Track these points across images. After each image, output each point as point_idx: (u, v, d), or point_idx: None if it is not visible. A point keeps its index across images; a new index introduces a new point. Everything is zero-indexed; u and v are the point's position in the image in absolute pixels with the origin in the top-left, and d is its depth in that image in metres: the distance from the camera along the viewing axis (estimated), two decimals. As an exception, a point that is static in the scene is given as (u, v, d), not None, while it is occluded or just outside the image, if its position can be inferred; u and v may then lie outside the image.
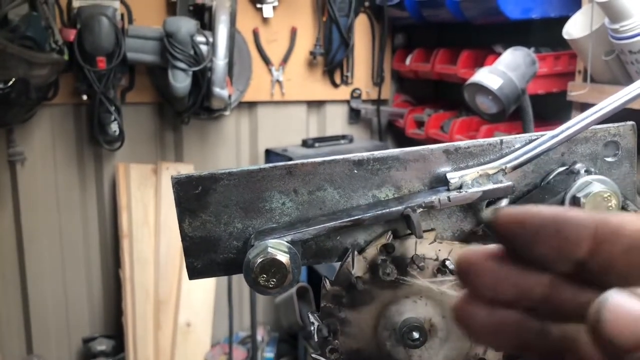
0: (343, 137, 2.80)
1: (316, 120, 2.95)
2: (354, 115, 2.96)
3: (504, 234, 0.25)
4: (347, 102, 2.94)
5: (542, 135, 0.50)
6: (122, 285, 2.62)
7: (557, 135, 0.49)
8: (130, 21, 2.45)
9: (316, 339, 0.52)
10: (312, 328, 0.52)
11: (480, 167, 0.50)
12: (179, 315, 2.62)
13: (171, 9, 2.53)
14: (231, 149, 2.83)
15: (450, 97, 2.94)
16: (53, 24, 2.24)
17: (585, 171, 0.48)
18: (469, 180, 0.49)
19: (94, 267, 2.75)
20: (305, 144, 2.72)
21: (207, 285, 2.66)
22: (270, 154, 2.75)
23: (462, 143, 0.51)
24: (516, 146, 0.51)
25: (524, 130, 2.00)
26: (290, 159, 2.54)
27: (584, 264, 0.24)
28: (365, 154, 0.51)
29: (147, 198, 2.65)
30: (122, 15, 2.42)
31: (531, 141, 0.50)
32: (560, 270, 0.25)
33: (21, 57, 2.05)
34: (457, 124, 2.37)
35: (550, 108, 2.23)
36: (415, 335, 0.50)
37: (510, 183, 0.48)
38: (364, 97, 2.92)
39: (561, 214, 0.24)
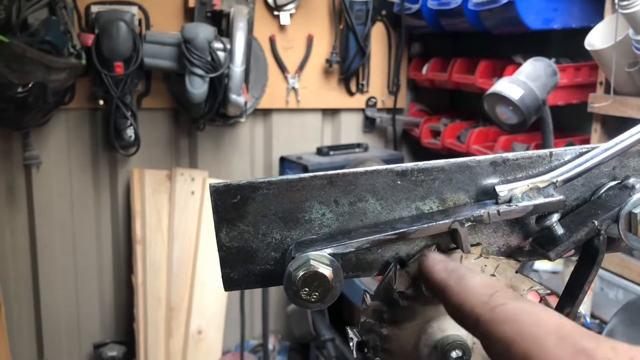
0: (358, 145, 2.78)
1: (331, 128, 2.94)
2: (369, 124, 2.94)
3: (421, 273, 0.46)
4: (362, 110, 2.92)
5: (593, 148, 0.48)
6: (134, 291, 2.61)
7: (610, 148, 0.48)
8: (148, 27, 2.46)
9: (355, 356, 0.50)
10: (352, 344, 0.50)
11: (530, 180, 0.48)
12: (191, 322, 2.60)
13: (189, 15, 2.53)
14: (246, 155, 2.82)
15: (466, 106, 2.92)
16: (71, 28, 2.25)
17: (641, 186, 0.46)
18: (519, 193, 0.47)
19: (106, 272, 2.74)
20: (320, 151, 2.70)
21: (219, 293, 2.64)
22: (284, 162, 2.74)
23: (511, 155, 0.49)
24: (566, 159, 0.49)
25: (544, 141, 1.97)
26: (305, 166, 2.53)
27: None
28: (410, 165, 0.49)
29: (161, 204, 2.64)
30: (139, 20, 2.42)
31: (582, 154, 0.49)
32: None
33: (40, 61, 2.06)
34: (474, 134, 2.35)
35: (570, 119, 2.21)
36: (458, 353, 0.48)
37: (562, 197, 0.47)
38: (379, 105, 2.91)
39: (430, 274, 0.44)
